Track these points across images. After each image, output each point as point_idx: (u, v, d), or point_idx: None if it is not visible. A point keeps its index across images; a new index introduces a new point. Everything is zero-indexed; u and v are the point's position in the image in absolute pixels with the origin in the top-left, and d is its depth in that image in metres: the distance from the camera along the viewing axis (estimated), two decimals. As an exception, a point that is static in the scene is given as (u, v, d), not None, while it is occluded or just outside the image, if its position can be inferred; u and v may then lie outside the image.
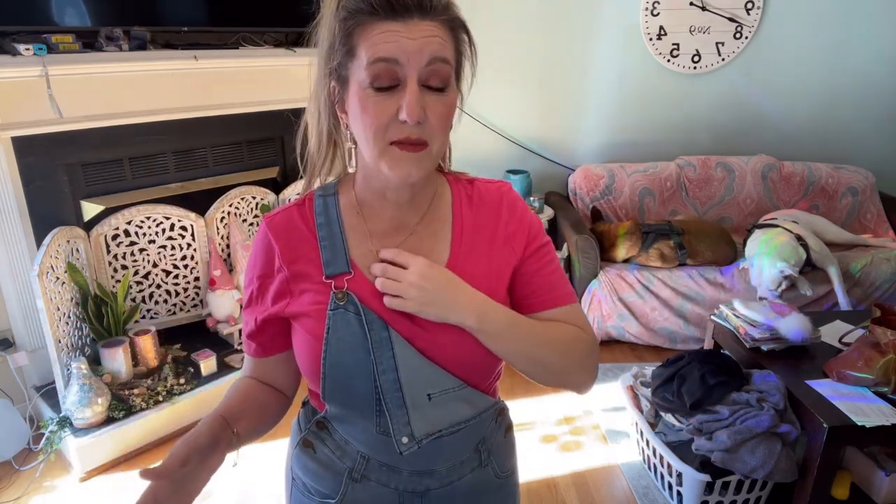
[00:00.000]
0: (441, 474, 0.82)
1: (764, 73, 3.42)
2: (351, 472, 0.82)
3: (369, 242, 0.79)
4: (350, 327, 0.74)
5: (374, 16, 0.66)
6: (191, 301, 2.69)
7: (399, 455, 0.78)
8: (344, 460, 0.82)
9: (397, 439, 0.77)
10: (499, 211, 0.83)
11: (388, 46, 0.66)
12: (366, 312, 0.74)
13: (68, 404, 2.09)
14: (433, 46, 0.67)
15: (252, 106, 2.71)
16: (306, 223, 0.79)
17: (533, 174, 3.42)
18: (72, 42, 2.14)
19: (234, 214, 2.74)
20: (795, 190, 3.37)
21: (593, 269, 2.89)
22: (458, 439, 0.81)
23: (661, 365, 2.12)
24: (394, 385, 0.74)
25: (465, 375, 0.78)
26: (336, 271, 0.77)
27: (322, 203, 0.80)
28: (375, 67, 0.66)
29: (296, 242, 0.78)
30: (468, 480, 0.84)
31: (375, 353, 0.74)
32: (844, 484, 1.91)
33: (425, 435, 0.77)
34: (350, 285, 0.76)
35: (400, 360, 0.74)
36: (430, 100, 0.68)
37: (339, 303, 0.74)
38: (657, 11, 3.27)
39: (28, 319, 2.28)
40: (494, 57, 3.36)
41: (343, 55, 0.69)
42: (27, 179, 2.18)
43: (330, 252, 0.77)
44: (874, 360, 1.75)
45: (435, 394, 0.76)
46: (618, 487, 2.10)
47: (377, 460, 0.80)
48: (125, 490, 2.06)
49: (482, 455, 0.85)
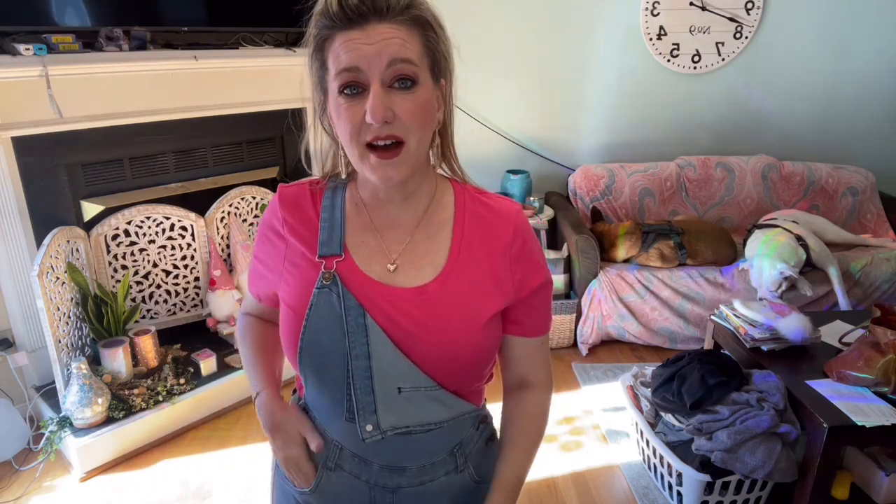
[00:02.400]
0: (412, 473, 0.82)
1: (764, 73, 3.42)
2: (326, 459, 0.84)
3: (367, 235, 0.81)
4: (331, 308, 0.76)
5: (335, 28, 0.70)
6: (191, 301, 2.69)
7: (363, 442, 0.79)
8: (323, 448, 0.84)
9: (361, 426, 0.78)
10: (507, 228, 0.82)
11: (349, 56, 0.68)
12: (346, 296, 0.76)
13: (68, 404, 2.09)
14: (392, 48, 0.68)
15: (252, 106, 2.71)
16: (314, 205, 0.82)
17: (533, 174, 3.42)
18: (72, 42, 2.14)
19: (234, 214, 2.74)
20: (795, 190, 3.37)
21: (593, 269, 2.89)
22: (430, 439, 0.81)
23: (661, 365, 2.12)
24: (365, 372, 0.76)
25: (441, 378, 0.78)
26: (329, 252, 0.79)
27: (331, 191, 0.84)
28: (341, 77, 0.70)
29: (299, 218, 0.82)
30: (441, 483, 0.84)
31: (350, 338, 0.75)
32: (844, 484, 1.91)
33: (391, 427, 0.78)
34: (339, 267, 0.78)
35: (374, 348, 0.75)
36: (398, 98, 0.70)
37: (325, 282, 0.77)
38: (657, 11, 3.27)
39: (28, 319, 2.28)
40: (495, 57, 3.37)
41: (319, 69, 0.74)
42: (27, 179, 2.18)
43: (327, 233, 0.80)
44: (874, 360, 1.75)
45: (406, 389, 0.77)
46: (618, 487, 2.10)
47: (349, 450, 0.82)
48: (125, 490, 2.06)
49: (458, 460, 0.85)
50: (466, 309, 0.78)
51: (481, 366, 0.81)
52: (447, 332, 0.77)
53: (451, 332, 0.77)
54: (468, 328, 0.78)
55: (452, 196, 0.84)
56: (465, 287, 0.79)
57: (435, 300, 0.77)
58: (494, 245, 0.81)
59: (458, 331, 0.77)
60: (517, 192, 3.30)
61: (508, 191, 3.31)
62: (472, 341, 0.78)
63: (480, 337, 0.79)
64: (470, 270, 0.80)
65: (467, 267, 0.80)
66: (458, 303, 0.78)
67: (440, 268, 0.79)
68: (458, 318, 0.78)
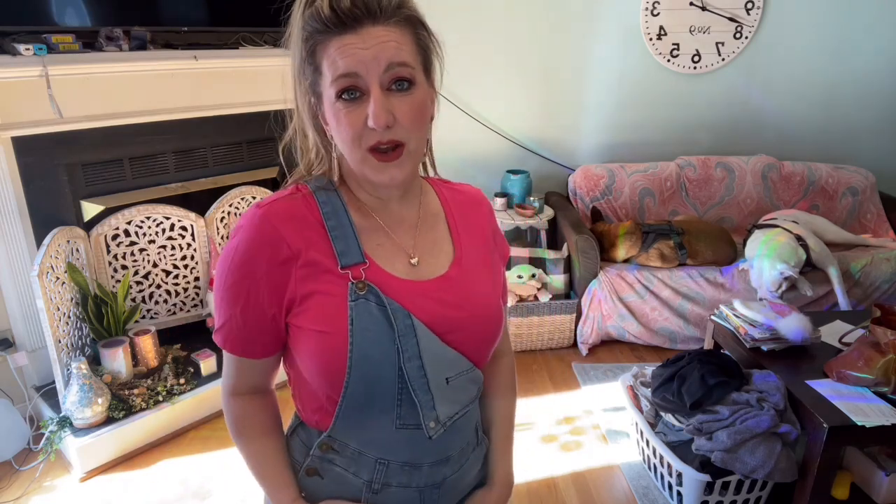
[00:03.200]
0: (454, 459, 0.84)
1: (764, 73, 3.42)
2: (370, 484, 0.80)
3: (380, 236, 0.79)
4: (373, 317, 0.73)
5: (328, 33, 0.68)
6: (191, 301, 2.69)
7: (427, 441, 0.79)
8: (360, 474, 0.80)
9: (426, 424, 0.78)
10: (483, 209, 0.91)
11: (345, 61, 0.68)
12: (388, 302, 0.74)
13: (68, 404, 2.09)
14: (389, 52, 0.68)
15: (252, 106, 2.71)
16: (312, 213, 0.76)
17: (533, 174, 3.42)
18: (72, 42, 2.14)
19: (234, 214, 2.74)
20: (795, 190, 3.37)
21: (593, 269, 2.89)
22: (467, 421, 0.85)
23: (661, 365, 2.12)
24: (419, 371, 0.75)
25: (476, 357, 0.82)
26: (351, 261, 0.75)
27: (325, 196, 0.78)
28: (338, 83, 0.69)
29: (305, 231, 0.74)
30: (472, 461, 0.88)
31: (401, 342, 0.74)
32: (844, 484, 1.91)
33: (448, 418, 0.80)
34: (367, 275, 0.75)
35: (423, 345, 0.75)
36: (397, 101, 0.70)
37: (359, 293, 0.73)
38: (657, 11, 3.27)
39: (28, 319, 2.28)
40: (495, 57, 3.37)
41: (312, 73, 0.72)
42: (27, 179, 2.18)
43: (343, 243, 0.75)
44: (874, 360, 1.75)
45: (452, 377, 0.79)
46: (618, 487, 2.10)
47: (397, 462, 0.80)
48: (125, 490, 2.06)
49: (479, 434, 0.90)
50: (485, 285, 0.85)
51: (500, 336, 0.87)
52: (479, 309, 0.81)
53: (482, 309, 0.82)
54: (493, 301, 0.85)
55: (430, 187, 0.89)
56: (478, 266, 0.85)
57: (459, 284, 0.81)
58: (479, 223, 0.89)
59: (488, 306, 0.83)
60: (517, 192, 3.30)
61: (508, 191, 3.31)
62: (497, 313, 0.85)
63: (501, 307, 0.87)
64: (473, 251, 0.85)
65: (470, 248, 0.85)
66: (477, 280, 0.84)
67: (451, 254, 0.83)
68: (483, 295, 0.83)
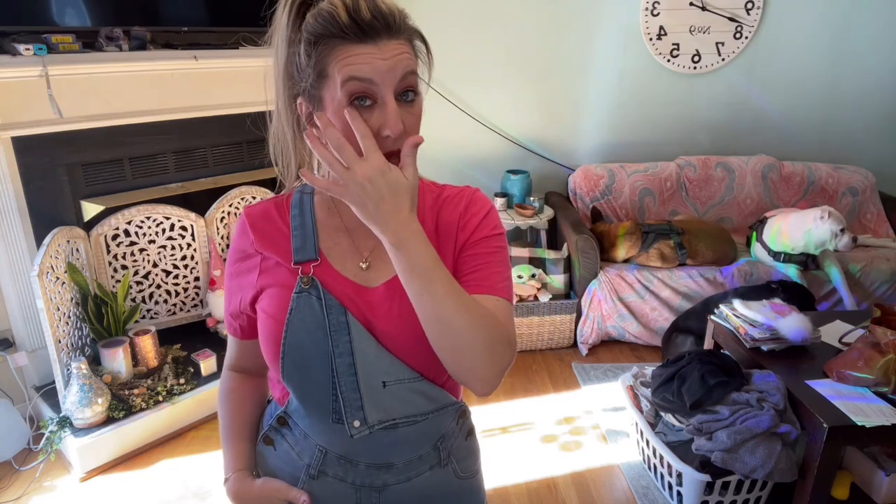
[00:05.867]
0: (398, 469, 0.83)
1: (764, 73, 3.42)
2: (308, 468, 0.84)
3: (339, 236, 0.83)
4: (312, 310, 0.78)
5: (344, 39, 0.68)
6: (191, 301, 2.69)
7: (351, 439, 0.79)
8: (302, 457, 0.85)
9: (349, 422, 0.79)
10: (461, 203, 0.85)
11: (362, 67, 0.68)
12: (326, 297, 0.78)
13: (68, 404, 2.09)
14: (404, 63, 0.70)
15: (252, 106, 2.69)
16: (282, 216, 0.85)
17: (533, 174, 3.42)
18: (72, 42, 2.14)
19: (234, 214, 2.74)
20: (795, 190, 3.37)
21: (593, 269, 2.89)
22: (415, 432, 0.82)
23: (661, 365, 2.12)
24: (349, 369, 0.77)
25: (421, 368, 0.80)
26: (304, 258, 0.81)
27: (298, 198, 0.86)
28: (351, 86, 0.69)
29: (270, 232, 0.84)
30: (427, 478, 0.85)
31: (333, 337, 0.77)
32: (844, 484, 1.91)
33: (378, 421, 0.79)
34: (316, 271, 0.80)
35: (356, 344, 0.77)
36: (404, 111, 0.72)
37: (303, 286, 0.79)
38: (657, 11, 3.27)
39: (28, 319, 2.28)
40: (495, 57, 3.37)
41: (313, 77, 0.71)
42: (27, 179, 2.18)
43: (300, 240, 0.82)
44: (874, 360, 1.75)
45: (390, 382, 0.79)
46: (618, 487, 2.10)
47: (334, 453, 0.82)
48: (125, 490, 2.07)
49: (441, 454, 0.86)
50: None
51: None
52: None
53: None
54: None
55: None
56: None
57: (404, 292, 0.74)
58: (449, 221, 0.83)
59: None
60: (517, 192, 3.30)
61: (508, 191, 3.31)
62: None
63: None
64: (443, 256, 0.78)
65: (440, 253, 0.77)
66: None
67: None
68: None
